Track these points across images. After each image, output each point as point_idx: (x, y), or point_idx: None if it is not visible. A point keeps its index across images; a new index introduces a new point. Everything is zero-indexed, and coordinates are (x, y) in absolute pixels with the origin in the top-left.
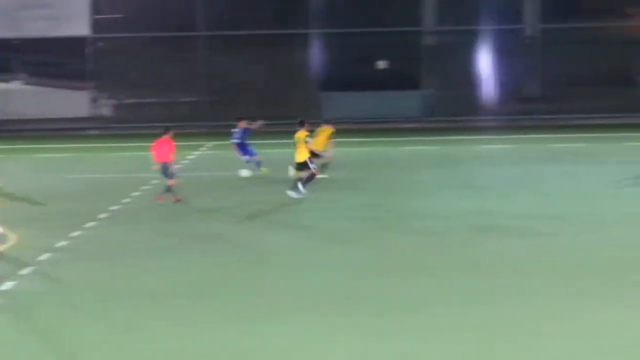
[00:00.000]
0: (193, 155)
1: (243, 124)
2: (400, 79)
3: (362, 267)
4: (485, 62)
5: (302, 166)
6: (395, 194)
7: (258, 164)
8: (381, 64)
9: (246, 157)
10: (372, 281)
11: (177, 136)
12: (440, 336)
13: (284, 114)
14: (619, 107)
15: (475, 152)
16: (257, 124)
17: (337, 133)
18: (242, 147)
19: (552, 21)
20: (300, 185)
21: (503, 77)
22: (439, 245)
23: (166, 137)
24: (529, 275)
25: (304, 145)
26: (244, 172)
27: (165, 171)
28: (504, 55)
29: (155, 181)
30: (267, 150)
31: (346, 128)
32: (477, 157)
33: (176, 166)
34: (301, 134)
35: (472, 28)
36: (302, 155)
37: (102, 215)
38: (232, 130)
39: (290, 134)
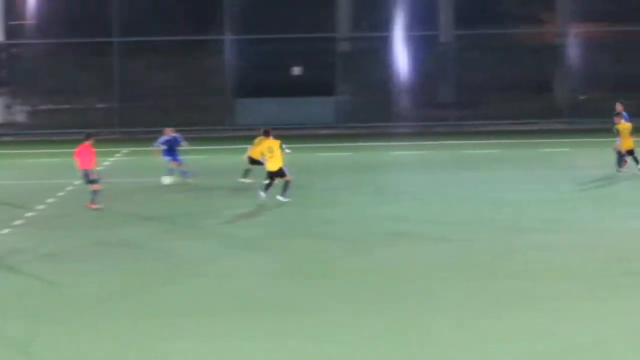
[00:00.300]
0: (108, 161)
1: (169, 132)
2: (315, 86)
3: (271, 272)
4: (399, 69)
5: (276, 174)
6: (308, 200)
7: (184, 174)
8: (296, 70)
9: (172, 165)
10: (278, 286)
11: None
12: (331, 336)
13: (198, 120)
14: (533, 113)
15: (389, 158)
16: (184, 143)
17: (251, 139)
18: (170, 154)
19: (466, 27)
20: (262, 191)
21: (417, 83)
22: (351, 251)
23: (87, 143)
24: (442, 280)
25: (280, 153)
26: (166, 180)
27: (87, 178)
28: (419, 62)
29: (69, 188)
30: (184, 157)
31: (260, 134)
32: (391, 164)
33: (97, 172)
34: (273, 143)
35: (387, 34)
36: (277, 164)
37: (17, 222)
38: (160, 137)
39: (206, 140)
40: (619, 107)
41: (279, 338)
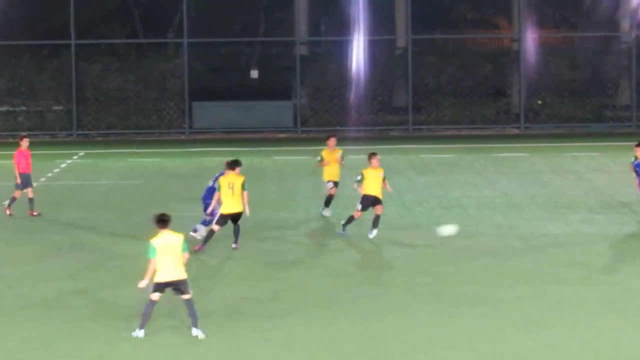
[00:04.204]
0: (65, 163)
1: None
2: (273, 89)
3: (228, 273)
4: (357, 73)
5: (232, 218)
6: (264, 204)
7: None
8: (253, 74)
9: None
10: (230, 284)
11: (48, 145)
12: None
13: (155, 123)
14: (489, 118)
15: (346, 162)
16: None
17: (208, 143)
18: None
19: (423, 32)
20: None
21: (375, 87)
22: (305, 254)
23: (23, 146)
24: (393, 283)
25: (241, 192)
26: None
27: (28, 182)
28: (376, 66)
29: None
30: (141, 160)
31: (218, 138)
32: (348, 168)
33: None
34: (236, 179)
35: (345, 38)
36: (235, 205)
37: None
38: None
39: (163, 143)
40: None
41: (230, 340)
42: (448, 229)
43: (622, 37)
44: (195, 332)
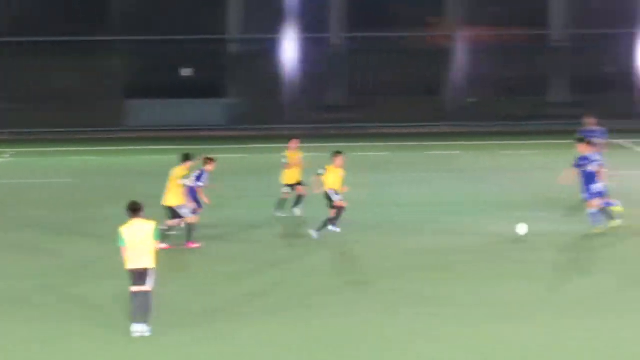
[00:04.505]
0: None
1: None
2: (205, 87)
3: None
4: (290, 71)
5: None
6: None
7: None
8: (186, 72)
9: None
10: (165, 285)
11: None
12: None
13: (89, 121)
14: (422, 115)
15: (280, 161)
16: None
17: (142, 141)
18: None
19: (357, 30)
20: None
21: (308, 85)
22: (237, 254)
23: None
24: (332, 282)
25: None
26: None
27: None
28: (310, 64)
29: None
30: (73, 158)
31: (151, 136)
32: (279, 166)
33: None
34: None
35: (278, 36)
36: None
37: None
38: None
39: (97, 141)
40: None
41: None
42: (523, 228)
43: (554, 35)
44: (136, 327)
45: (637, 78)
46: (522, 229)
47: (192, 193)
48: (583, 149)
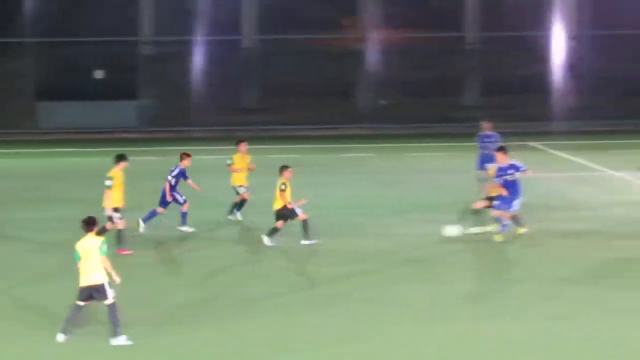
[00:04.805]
0: None
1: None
2: (118, 89)
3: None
4: (203, 73)
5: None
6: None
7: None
8: (99, 74)
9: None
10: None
11: None
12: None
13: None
14: (335, 118)
15: (193, 162)
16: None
17: (54, 143)
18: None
19: (269, 32)
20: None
21: (221, 87)
22: (148, 257)
23: None
24: (244, 284)
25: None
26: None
27: None
28: (222, 66)
29: None
30: None
31: (64, 138)
32: (192, 168)
33: None
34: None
35: (190, 39)
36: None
37: None
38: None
39: (7, 143)
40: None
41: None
42: (453, 230)
43: (467, 38)
44: (113, 341)
45: (550, 80)
46: (452, 230)
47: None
48: (501, 159)
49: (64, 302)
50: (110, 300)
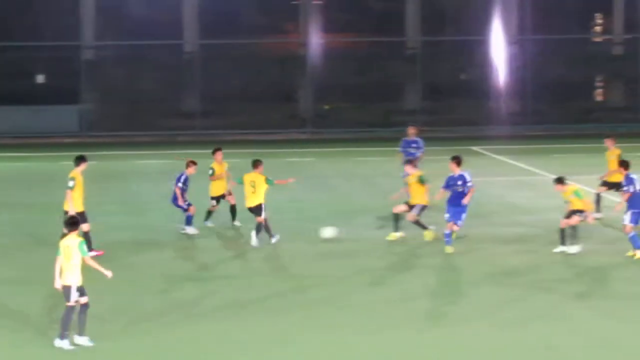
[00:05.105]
0: None
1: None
2: (59, 94)
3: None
4: (145, 77)
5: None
6: (50, 209)
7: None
8: (40, 78)
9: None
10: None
11: None
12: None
13: None
14: (277, 122)
15: (134, 167)
16: None
17: None
18: None
19: (211, 37)
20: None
21: (162, 92)
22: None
23: None
24: (185, 286)
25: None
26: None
27: None
28: (165, 71)
29: None
30: None
31: (4, 143)
32: (135, 173)
33: None
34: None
35: (133, 43)
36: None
37: None
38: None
39: None
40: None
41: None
42: (329, 232)
43: (408, 43)
44: (57, 342)
45: (491, 85)
46: (328, 232)
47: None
48: (453, 168)
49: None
50: (71, 303)
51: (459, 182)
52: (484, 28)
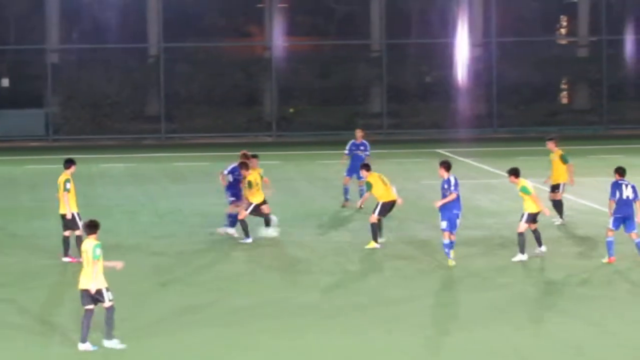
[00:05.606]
0: None
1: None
2: (24, 97)
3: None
4: (110, 81)
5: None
6: (17, 214)
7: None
8: (4, 82)
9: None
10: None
11: None
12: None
13: None
14: (242, 125)
15: (99, 171)
16: None
17: None
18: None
19: (174, 40)
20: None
21: (127, 95)
22: (60, 263)
23: None
24: (152, 291)
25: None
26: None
27: None
28: (129, 74)
29: None
30: None
31: None
32: (100, 176)
33: None
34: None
35: (97, 46)
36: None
37: None
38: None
39: None
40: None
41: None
42: (270, 231)
43: (373, 45)
44: (107, 343)
45: (456, 88)
46: (267, 232)
47: (232, 188)
48: (441, 173)
49: None
50: (107, 304)
51: (445, 186)
52: (449, 31)
